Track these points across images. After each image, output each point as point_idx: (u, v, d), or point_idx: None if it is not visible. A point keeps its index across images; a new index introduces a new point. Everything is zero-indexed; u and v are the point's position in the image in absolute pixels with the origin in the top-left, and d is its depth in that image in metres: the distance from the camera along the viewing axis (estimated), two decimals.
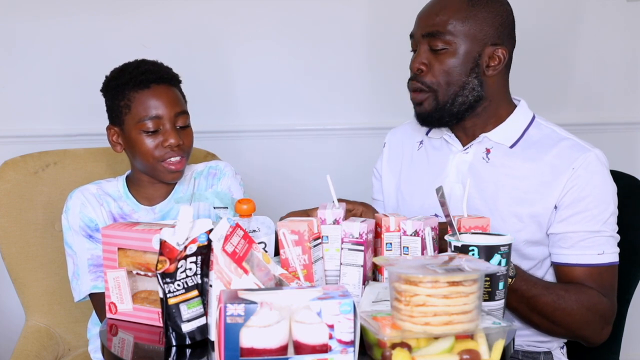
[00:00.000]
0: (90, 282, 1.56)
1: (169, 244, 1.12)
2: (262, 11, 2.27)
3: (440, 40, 1.48)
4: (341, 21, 2.32)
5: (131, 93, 1.56)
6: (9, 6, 2.15)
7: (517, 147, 1.53)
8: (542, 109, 2.42)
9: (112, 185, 1.66)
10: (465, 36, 1.48)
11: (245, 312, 1.00)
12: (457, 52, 1.48)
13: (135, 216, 1.62)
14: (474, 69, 1.49)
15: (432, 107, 1.51)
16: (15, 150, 1.95)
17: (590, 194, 1.46)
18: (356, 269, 1.27)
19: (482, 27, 1.49)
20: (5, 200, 1.84)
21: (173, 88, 1.61)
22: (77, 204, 1.60)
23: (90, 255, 1.57)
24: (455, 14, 1.48)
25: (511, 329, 1.10)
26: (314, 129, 2.35)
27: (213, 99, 2.27)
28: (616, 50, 2.42)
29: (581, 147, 1.49)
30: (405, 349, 1.03)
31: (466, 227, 1.28)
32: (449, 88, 1.49)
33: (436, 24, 1.49)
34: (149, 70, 1.59)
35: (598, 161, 1.48)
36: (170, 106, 1.57)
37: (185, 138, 1.59)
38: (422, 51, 1.51)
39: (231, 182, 1.71)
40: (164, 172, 1.58)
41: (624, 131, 2.45)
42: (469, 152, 1.56)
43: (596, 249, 1.47)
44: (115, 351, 1.16)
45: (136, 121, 1.56)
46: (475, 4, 1.49)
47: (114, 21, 2.20)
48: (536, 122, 1.57)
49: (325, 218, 1.28)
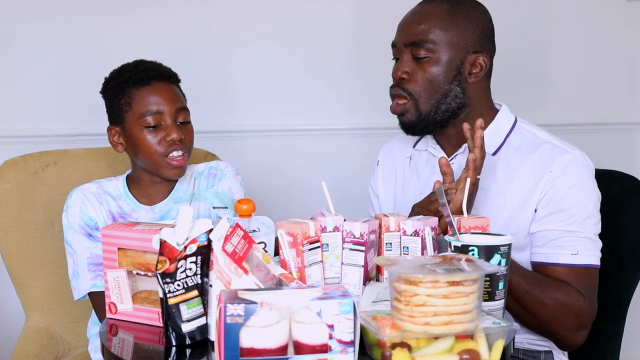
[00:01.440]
0: (90, 280, 1.56)
1: (169, 244, 1.12)
2: (262, 11, 2.27)
3: (422, 48, 1.51)
4: (341, 21, 2.32)
5: (132, 90, 1.57)
6: (9, 6, 2.15)
7: (499, 154, 1.54)
8: (542, 108, 2.43)
9: (113, 184, 1.66)
10: (447, 44, 1.51)
11: (245, 312, 1.00)
12: (440, 60, 1.51)
13: (135, 215, 1.63)
14: (456, 77, 1.52)
15: (414, 117, 1.54)
16: (15, 150, 1.95)
17: (566, 194, 1.46)
18: (357, 269, 1.27)
19: (464, 36, 1.52)
20: (5, 200, 1.84)
21: (173, 85, 1.62)
22: (77, 203, 1.60)
23: (89, 254, 1.57)
24: (437, 23, 1.51)
25: (511, 329, 1.10)
26: (314, 129, 2.35)
27: (213, 99, 2.27)
28: (616, 50, 2.42)
29: (560, 149, 1.50)
30: (405, 349, 1.03)
31: (466, 227, 1.29)
32: (432, 96, 1.52)
33: (418, 33, 1.51)
34: (149, 67, 1.61)
35: (576, 163, 1.48)
36: (171, 102, 1.58)
37: (186, 134, 1.60)
38: (405, 59, 1.54)
39: (232, 183, 1.71)
40: (167, 168, 1.58)
41: (624, 131, 2.46)
42: (454, 162, 1.58)
43: (570, 249, 1.46)
44: (115, 351, 1.16)
45: (137, 117, 1.56)
46: (456, 13, 1.52)
47: (114, 21, 2.20)
48: (518, 126, 1.58)
49: (326, 225, 1.28)
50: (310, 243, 1.25)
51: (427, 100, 1.52)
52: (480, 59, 1.53)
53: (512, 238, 1.24)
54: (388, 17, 2.33)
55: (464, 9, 1.53)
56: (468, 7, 1.54)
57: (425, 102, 1.52)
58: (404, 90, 1.54)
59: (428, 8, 1.55)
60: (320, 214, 1.29)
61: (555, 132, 1.57)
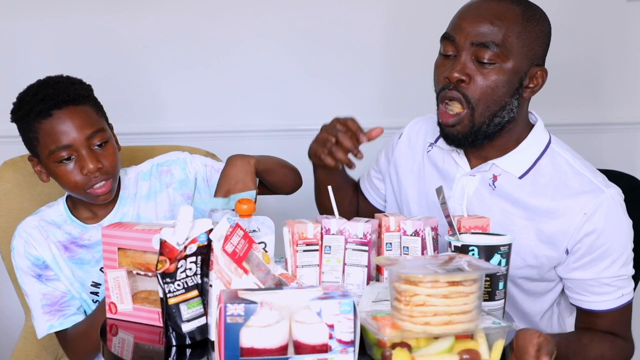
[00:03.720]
0: (46, 322, 1.49)
1: (169, 244, 1.12)
2: (263, 11, 2.27)
3: (491, 52, 1.34)
4: (341, 21, 2.32)
5: (35, 124, 1.44)
6: (9, 6, 2.15)
7: (526, 177, 1.43)
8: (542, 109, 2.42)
9: (54, 210, 1.57)
10: (518, 53, 1.36)
11: (245, 312, 1.00)
12: (506, 68, 1.35)
13: (87, 237, 1.54)
14: (517, 89, 1.38)
15: (467, 130, 1.38)
16: (15, 150, 1.94)
17: (608, 240, 1.38)
18: (360, 269, 1.27)
19: (533, 45, 1.38)
20: (5, 200, 1.83)
21: (79, 107, 1.46)
22: (20, 244, 1.52)
23: (42, 295, 1.50)
24: (512, 26, 1.35)
25: (511, 329, 1.10)
26: (314, 129, 2.33)
27: (213, 99, 2.27)
28: (616, 50, 2.42)
29: (594, 187, 1.39)
30: (405, 349, 1.03)
31: (466, 227, 1.29)
32: (489, 107, 1.37)
33: (490, 34, 1.34)
34: (48, 95, 1.45)
35: (613, 203, 1.38)
36: (79, 129, 1.43)
37: (105, 158, 1.46)
38: (466, 60, 1.36)
39: (196, 169, 1.61)
40: (91, 197, 1.49)
41: (624, 131, 2.45)
42: (477, 175, 1.47)
43: (617, 293, 1.42)
44: (115, 351, 1.16)
45: (47, 153, 1.44)
46: (530, 19, 1.37)
47: (114, 21, 2.19)
48: (550, 149, 1.45)
49: (330, 227, 1.28)
50: (307, 245, 1.25)
51: (483, 110, 1.37)
52: (540, 73, 1.40)
53: (512, 238, 1.24)
54: (394, 17, 2.34)
55: (536, 16, 1.39)
56: (539, 14, 1.40)
57: (482, 112, 1.37)
58: (463, 95, 1.36)
59: (499, 7, 1.36)
60: (325, 219, 1.29)
61: (555, 132, 1.56)
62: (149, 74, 2.23)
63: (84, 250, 1.54)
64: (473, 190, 1.47)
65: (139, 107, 2.23)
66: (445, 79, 1.39)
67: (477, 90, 1.36)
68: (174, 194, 1.60)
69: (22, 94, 1.51)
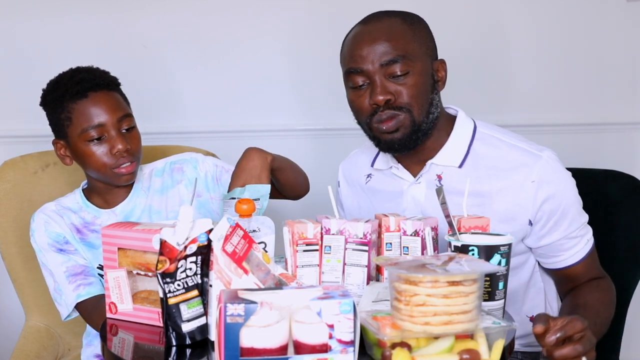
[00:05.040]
0: (73, 292, 1.54)
1: (169, 244, 1.12)
2: (262, 11, 2.27)
3: (400, 64, 1.42)
4: (341, 21, 2.32)
5: (70, 104, 1.53)
6: (9, 6, 2.15)
7: (466, 165, 1.49)
8: (542, 109, 2.42)
9: (70, 199, 1.64)
10: (420, 54, 1.45)
11: (245, 312, 1.00)
12: (418, 72, 1.44)
13: (98, 222, 1.60)
14: (433, 85, 1.47)
15: (409, 130, 1.45)
16: (15, 150, 1.95)
17: (563, 199, 1.46)
18: (360, 269, 1.27)
19: (427, 42, 1.48)
20: (5, 200, 1.84)
21: (111, 92, 1.57)
22: (40, 224, 1.59)
23: (65, 267, 1.56)
24: (405, 34, 1.45)
25: (511, 328, 1.10)
26: (314, 129, 2.35)
27: (213, 99, 2.27)
28: (616, 50, 2.42)
29: (531, 154, 1.46)
30: (405, 349, 1.03)
31: (466, 227, 1.29)
32: (422, 105, 1.45)
33: (392, 49, 1.43)
34: (84, 78, 1.55)
35: (553, 163, 1.46)
36: (111, 112, 1.53)
37: (131, 142, 1.55)
38: (382, 81, 1.43)
39: (207, 169, 1.67)
40: (116, 177, 1.56)
41: (624, 131, 2.45)
42: (421, 181, 1.53)
43: (583, 240, 1.50)
44: (115, 351, 1.16)
45: (80, 132, 1.53)
46: (413, 23, 1.48)
47: (114, 21, 2.20)
48: (479, 132, 1.52)
49: (330, 227, 1.28)
50: (307, 245, 1.25)
51: (420, 109, 1.44)
52: (442, 65, 1.50)
53: (511, 238, 1.24)
54: None
55: (415, 18, 1.49)
56: (416, 16, 1.51)
57: (419, 111, 1.44)
58: (396, 109, 1.44)
59: (382, 26, 1.46)
60: (325, 219, 1.29)
61: (555, 132, 1.56)
62: (148, 74, 2.23)
63: (95, 235, 1.59)
64: (424, 197, 1.52)
65: (139, 107, 2.22)
66: (372, 106, 1.45)
67: (406, 98, 1.44)
68: (184, 191, 1.65)
69: (55, 79, 1.59)
